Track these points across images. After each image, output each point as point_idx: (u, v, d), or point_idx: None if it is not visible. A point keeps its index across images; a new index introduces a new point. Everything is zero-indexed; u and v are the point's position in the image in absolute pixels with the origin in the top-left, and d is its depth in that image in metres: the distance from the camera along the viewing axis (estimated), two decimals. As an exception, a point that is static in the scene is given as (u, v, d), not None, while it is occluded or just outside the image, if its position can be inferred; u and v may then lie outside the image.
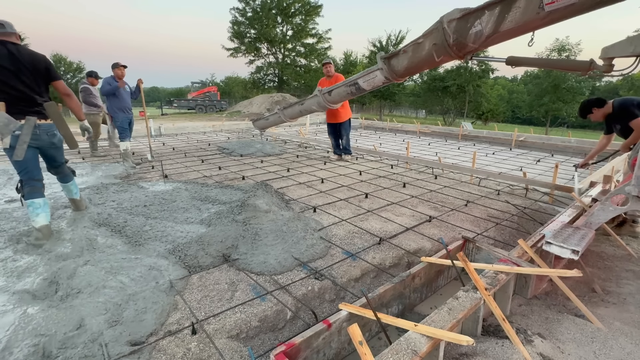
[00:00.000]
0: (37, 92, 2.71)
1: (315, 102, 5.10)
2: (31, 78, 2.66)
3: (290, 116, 5.90)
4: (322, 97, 4.90)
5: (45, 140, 2.81)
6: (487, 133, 10.57)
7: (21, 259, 2.39)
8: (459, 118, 32.38)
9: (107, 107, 5.65)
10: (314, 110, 5.36)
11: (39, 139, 2.74)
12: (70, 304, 1.90)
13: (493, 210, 3.69)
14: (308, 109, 5.40)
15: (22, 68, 2.61)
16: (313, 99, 5.12)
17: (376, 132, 12.77)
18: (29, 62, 2.65)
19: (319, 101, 4.99)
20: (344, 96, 4.69)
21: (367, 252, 2.67)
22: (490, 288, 1.82)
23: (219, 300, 2.03)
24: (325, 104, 4.97)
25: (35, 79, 2.69)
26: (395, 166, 5.89)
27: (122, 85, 5.43)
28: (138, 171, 5.17)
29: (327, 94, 4.84)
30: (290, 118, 5.97)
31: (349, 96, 4.66)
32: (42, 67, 2.72)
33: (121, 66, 5.41)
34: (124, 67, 5.46)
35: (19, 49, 2.63)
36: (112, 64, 5.39)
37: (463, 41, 2.74)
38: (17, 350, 1.56)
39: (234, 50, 33.42)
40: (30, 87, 2.66)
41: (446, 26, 2.77)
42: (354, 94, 4.50)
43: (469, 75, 28.88)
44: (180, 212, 3.24)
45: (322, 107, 5.11)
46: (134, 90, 5.76)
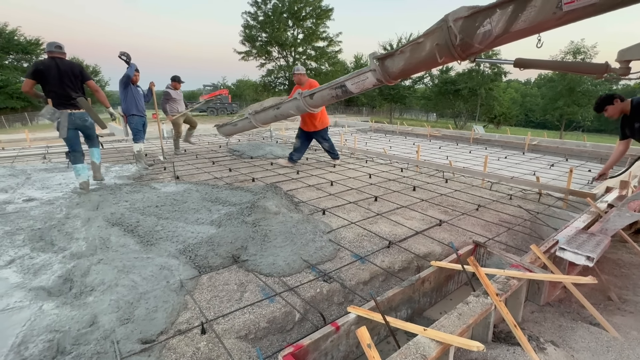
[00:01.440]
0: (74, 90, 3.87)
1: (293, 106, 4.74)
2: (69, 81, 3.84)
3: (263, 121, 5.46)
4: (303, 100, 4.53)
5: (79, 124, 4.02)
6: (499, 137, 10.42)
7: (38, 257, 2.46)
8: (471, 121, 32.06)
9: (122, 108, 5.78)
10: (292, 114, 4.99)
11: (74, 123, 3.94)
12: (84, 302, 1.94)
13: (505, 215, 3.63)
14: (285, 113, 4.99)
15: (63, 75, 3.80)
16: (291, 102, 4.75)
17: (386, 135, 12.73)
18: (68, 69, 3.84)
19: (298, 105, 4.63)
20: (328, 100, 4.34)
21: (376, 255, 2.66)
22: (502, 293, 1.79)
23: (228, 300, 2.05)
24: (305, 108, 4.61)
25: (72, 81, 3.87)
26: (405, 169, 5.86)
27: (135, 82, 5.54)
28: (150, 172, 5.25)
29: (309, 97, 4.47)
30: (262, 124, 5.51)
31: (333, 100, 4.33)
32: (77, 72, 3.92)
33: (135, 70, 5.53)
34: (137, 71, 5.58)
35: (63, 61, 3.84)
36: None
37: (469, 41, 2.63)
38: (33, 346, 1.60)
39: (245, 53, 33.83)
40: (70, 87, 3.84)
41: (452, 25, 2.63)
42: (339, 97, 4.18)
43: (480, 78, 28.62)
44: (191, 213, 3.28)
45: (301, 111, 4.77)
46: (146, 93, 5.87)
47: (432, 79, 33.27)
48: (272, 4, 32.20)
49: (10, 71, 32.01)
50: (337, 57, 35.56)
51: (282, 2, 31.97)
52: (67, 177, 4.84)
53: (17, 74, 32.39)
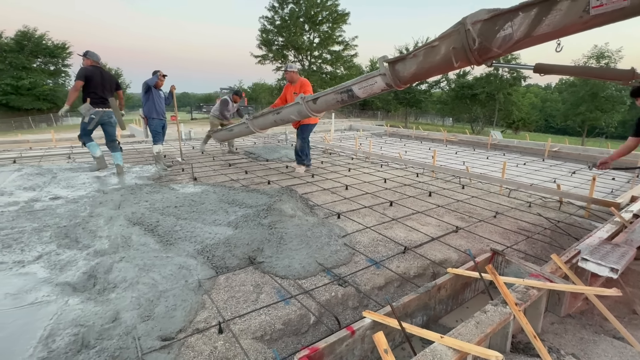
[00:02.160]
0: (109, 95, 5.14)
1: (295, 110, 4.51)
2: (108, 88, 5.10)
3: (262, 127, 5.23)
4: (305, 105, 4.30)
5: (105, 120, 5.15)
6: (518, 142, 10.20)
7: (63, 253, 2.55)
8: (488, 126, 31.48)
9: (143, 111, 5.96)
10: (293, 119, 4.76)
11: (101, 119, 5.09)
12: (107, 298, 2.01)
13: (524, 223, 3.56)
14: (285, 118, 4.78)
15: (105, 82, 5.04)
16: (293, 107, 4.53)
17: (401, 139, 12.64)
18: (108, 78, 5.15)
19: (300, 110, 4.39)
20: (332, 105, 4.16)
21: (392, 260, 2.65)
22: (521, 303, 1.76)
23: (245, 301, 2.08)
24: (307, 113, 4.39)
25: (110, 88, 5.15)
26: (421, 175, 5.81)
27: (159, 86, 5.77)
28: (169, 173, 5.38)
29: (312, 102, 4.25)
30: (260, 129, 5.29)
31: (338, 105, 4.16)
32: (114, 82, 5.28)
33: (162, 75, 5.73)
34: (164, 76, 5.78)
35: (103, 71, 5.12)
36: (153, 71, 5.74)
37: (487, 45, 2.57)
38: (59, 339, 1.66)
39: (261, 57, 34.27)
40: (107, 92, 5.10)
41: (470, 28, 2.55)
42: (344, 102, 4.02)
43: (499, 82, 28.08)
44: (208, 214, 3.34)
45: (303, 116, 4.56)
46: (167, 96, 6.04)
47: (448, 83, 32.88)
48: (289, 8, 32.57)
49: (38, 74, 33.39)
50: (352, 61, 35.61)
51: (299, 7, 32.28)
52: (90, 176, 5.01)
53: (44, 77, 33.77)
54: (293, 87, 5.30)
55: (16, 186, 4.37)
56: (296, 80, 5.31)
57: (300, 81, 5.28)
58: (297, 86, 5.25)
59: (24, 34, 32.73)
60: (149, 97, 5.65)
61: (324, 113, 4.99)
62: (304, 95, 4.40)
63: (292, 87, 5.33)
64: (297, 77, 5.34)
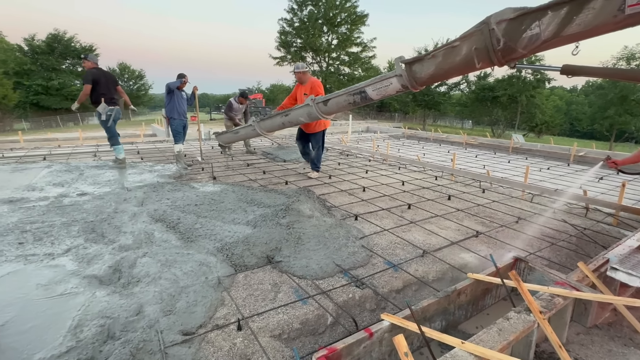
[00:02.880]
0: (114, 93, 5.61)
1: (304, 112, 4.34)
2: (112, 86, 5.58)
3: (269, 129, 5.09)
4: (316, 107, 4.15)
5: (117, 117, 5.64)
6: (542, 146, 9.90)
7: (90, 247, 2.65)
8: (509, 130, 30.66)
9: (165, 111, 6.13)
10: (301, 122, 4.60)
11: (116, 116, 5.60)
12: (131, 291, 2.07)
13: (547, 229, 3.45)
14: (294, 120, 4.62)
15: (109, 82, 5.52)
16: (302, 109, 4.37)
17: (419, 142, 12.48)
18: (111, 79, 5.61)
19: (310, 112, 4.24)
20: (344, 107, 4.01)
21: (410, 263, 2.62)
22: (546, 311, 1.70)
23: (263, 299, 2.11)
24: (317, 115, 4.23)
25: (114, 86, 5.63)
26: (440, 178, 5.72)
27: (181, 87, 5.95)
28: (189, 172, 5.50)
29: (322, 104, 4.09)
30: (267, 131, 5.15)
31: (349, 107, 4.00)
32: (115, 79, 5.74)
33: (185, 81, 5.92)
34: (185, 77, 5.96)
35: (105, 71, 5.63)
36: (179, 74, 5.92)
37: (512, 45, 2.50)
38: (87, 329, 1.73)
39: (280, 59, 34.56)
40: (113, 90, 5.59)
41: (495, 27, 2.46)
42: (357, 104, 3.88)
43: (522, 84, 27.29)
44: (227, 213, 3.40)
45: (313, 118, 4.40)
46: (189, 97, 6.20)
47: (468, 85, 32.25)
48: (307, 10, 32.76)
49: (67, 75, 34.84)
50: (370, 62, 35.46)
51: (318, 9, 32.41)
52: (115, 174, 5.18)
53: (72, 78, 35.17)
54: (303, 87, 5.12)
55: (46, 182, 4.57)
56: (306, 81, 5.12)
57: (311, 81, 5.10)
58: (308, 87, 5.07)
59: (55, 37, 34.25)
60: (171, 99, 5.81)
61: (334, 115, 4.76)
62: (314, 97, 4.28)
63: (302, 87, 5.15)
64: (307, 77, 5.16)
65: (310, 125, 5.04)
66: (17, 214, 3.35)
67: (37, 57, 33.09)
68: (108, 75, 5.59)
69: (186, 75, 5.90)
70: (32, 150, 8.01)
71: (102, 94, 5.35)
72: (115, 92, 5.61)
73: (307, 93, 4.99)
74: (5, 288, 2.08)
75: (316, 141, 5.31)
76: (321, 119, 4.41)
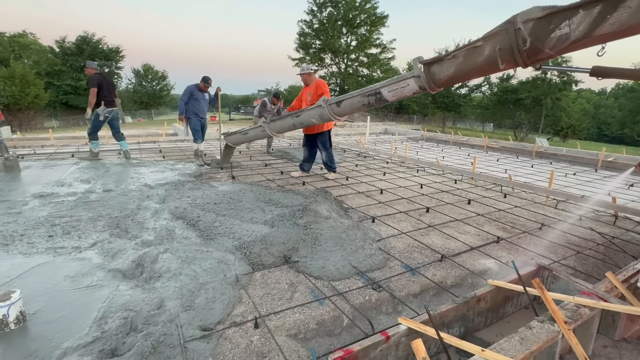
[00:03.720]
0: (114, 96, 6.20)
1: (316, 113, 4.32)
2: (112, 89, 6.19)
3: (279, 130, 5.13)
4: (328, 108, 4.10)
5: (114, 117, 6.24)
6: (567, 151, 9.55)
7: (115, 242, 2.75)
8: (533, 133, 29.73)
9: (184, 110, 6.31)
10: (313, 122, 4.58)
11: (112, 116, 6.19)
12: (153, 286, 2.13)
13: (573, 237, 3.32)
14: (305, 121, 4.63)
15: (109, 86, 6.11)
16: (314, 110, 4.33)
17: (438, 144, 12.28)
18: (111, 83, 6.19)
19: (322, 113, 4.21)
20: (358, 108, 3.97)
21: (428, 268, 2.58)
22: (571, 322, 1.64)
23: (280, 299, 2.12)
24: (330, 117, 4.21)
25: (113, 89, 6.22)
26: (459, 181, 5.61)
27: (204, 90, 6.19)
28: (209, 171, 5.61)
29: (335, 105, 4.05)
30: (277, 132, 5.19)
31: (363, 108, 3.94)
32: (114, 84, 6.28)
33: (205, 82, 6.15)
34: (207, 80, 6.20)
35: (106, 77, 6.16)
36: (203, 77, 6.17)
37: (539, 46, 2.40)
38: (111, 321, 1.79)
39: (299, 60, 34.77)
40: (113, 93, 6.19)
41: (522, 27, 2.38)
42: (371, 106, 3.82)
43: (547, 87, 26.41)
44: (245, 212, 3.44)
45: (325, 119, 4.39)
46: (212, 97, 6.38)
47: (490, 87, 31.48)
48: (327, 12, 32.84)
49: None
50: (389, 64, 35.19)
51: (337, 10, 32.45)
52: (138, 172, 5.34)
53: (99, 78, 36.46)
54: (308, 88, 5.13)
55: (74, 178, 4.76)
56: (311, 82, 5.13)
57: (316, 82, 5.09)
58: (312, 87, 5.06)
59: (84, 39, 35.65)
60: (190, 100, 6.05)
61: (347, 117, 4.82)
62: (327, 98, 4.24)
63: (307, 88, 5.17)
64: (312, 78, 5.15)
65: (316, 125, 4.97)
66: (47, 208, 3.51)
67: (67, 59, 34.55)
68: (108, 80, 6.16)
69: (210, 78, 6.12)
70: (62, 147, 8.37)
71: (103, 97, 5.91)
72: (114, 95, 6.19)
73: (312, 93, 5.01)
74: (37, 278, 2.19)
75: (324, 141, 5.29)
76: (333, 120, 4.38)
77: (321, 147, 5.35)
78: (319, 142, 5.32)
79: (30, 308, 1.88)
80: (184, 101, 6.07)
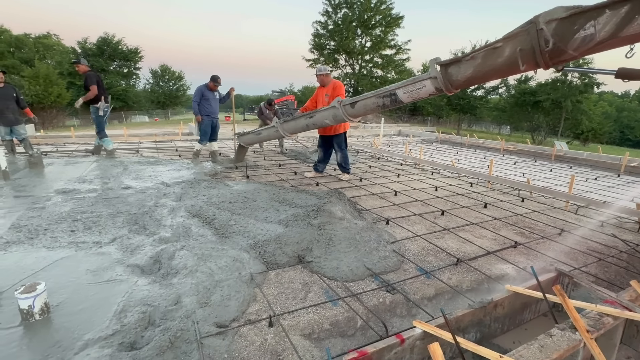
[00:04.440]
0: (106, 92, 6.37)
1: (330, 114, 4.32)
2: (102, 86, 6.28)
3: (292, 131, 5.13)
4: (342, 109, 4.10)
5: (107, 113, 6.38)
6: (588, 155, 9.27)
7: (133, 238, 2.81)
8: (551, 136, 28.98)
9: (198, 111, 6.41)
10: (326, 124, 4.57)
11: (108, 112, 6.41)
12: (170, 282, 2.17)
13: (594, 244, 3.23)
14: (319, 122, 4.61)
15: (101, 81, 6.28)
16: (328, 111, 4.33)
17: (453, 147, 12.11)
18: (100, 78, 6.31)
19: (336, 114, 4.21)
20: (372, 109, 3.96)
21: (443, 271, 2.55)
22: (593, 331, 1.60)
23: (294, 298, 2.13)
24: (343, 117, 4.21)
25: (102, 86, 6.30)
26: (475, 184, 5.51)
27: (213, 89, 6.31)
28: (223, 170, 5.68)
29: (349, 106, 4.04)
30: (290, 133, 5.19)
31: (378, 109, 3.93)
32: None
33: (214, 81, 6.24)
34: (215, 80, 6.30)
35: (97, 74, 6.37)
36: (212, 76, 6.24)
37: (562, 47, 2.34)
38: (130, 315, 1.83)
39: (313, 61, 34.87)
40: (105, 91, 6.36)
41: (544, 27, 2.33)
42: (386, 107, 3.76)
43: (567, 89, 25.67)
44: (260, 211, 3.47)
45: (339, 120, 4.38)
46: (224, 96, 6.48)
47: (507, 89, 30.84)
48: (342, 13, 32.84)
49: (114, 76, 37.13)
50: (404, 65, 34.92)
51: (352, 11, 32.40)
52: (156, 170, 5.46)
53: (118, 78, 37.44)
54: (325, 89, 5.09)
55: (95, 175, 4.90)
56: (328, 83, 5.09)
57: (333, 83, 5.05)
58: (330, 88, 5.02)
59: (104, 40, 36.66)
60: (201, 100, 6.19)
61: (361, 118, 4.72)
62: (341, 99, 4.23)
63: (324, 89, 5.12)
64: (329, 79, 5.12)
65: (333, 126, 5.01)
66: (69, 203, 3.62)
67: (88, 59, 35.59)
68: (100, 77, 6.47)
69: (219, 77, 6.21)
70: (83, 145, 8.61)
71: (101, 93, 6.12)
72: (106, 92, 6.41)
73: (329, 94, 4.99)
74: (60, 271, 2.26)
75: (340, 142, 5.30)
76: (347, 121, 4.38)
77: (337, 148, 5.36)
78: (335, 143, 5.32)
79: (54, 300, 1.94)
80: (197, 102, 6.21)
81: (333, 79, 5.14)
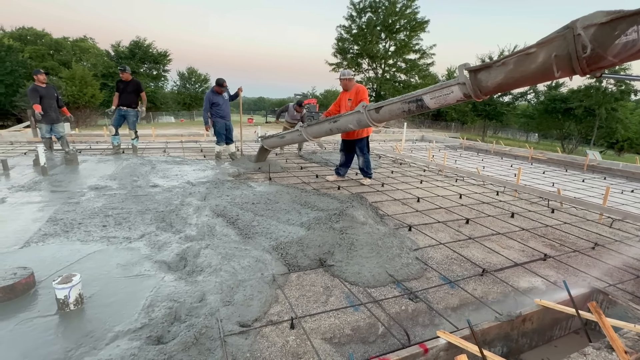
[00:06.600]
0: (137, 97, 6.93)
1: (354, 119, 4.32)
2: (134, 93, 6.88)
3: (315, 135, 5.17)
4: (367, 114, 4.08)
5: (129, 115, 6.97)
6: (624, 166, 8.80)
7: (161, 235, 2.91)
8: (583, 145, 27.71)
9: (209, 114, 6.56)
10: (350, 128, 4.57)
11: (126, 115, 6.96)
12: (195, 279, 2.23)
13: (632, 260, 3.05)
14: (342, 127, 4.61)
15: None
16: (352, 115, 4.33)
17: (478, 154, 11.80)
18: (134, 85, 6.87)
19: (360, 119, 4.21)
20: (397, 115, 3.92)
21: (467, 281, 2.48)
22: (632, 352, 1.51)
23: (315, 301, 2.14)
24: (368, 123, 4.20)
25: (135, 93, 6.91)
26: (502, 193, 5.35)
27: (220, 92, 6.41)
28: (246, 171, 5.78)
29: (374, 111, 4.01)
30: (313, 137, 5.24)
31: (403, 115, 3.89)
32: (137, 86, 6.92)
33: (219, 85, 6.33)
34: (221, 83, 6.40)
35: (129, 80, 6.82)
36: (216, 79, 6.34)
37: (601, 53, 2.24)
38: (157, 309, 1.89)
39: (336, 65, 34.99)
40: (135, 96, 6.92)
41: (582, 33, 2.25)
42: (411, 113, 3.73)
43: (601, 96, 24.48)
44: (282, 213, 3.51)
45: (363, 125, 4.39)
46: (232, 95, 6.66)
47: (536, 96, 29.77)
48: (366, 17, 32.82)
49: (143, 78, 38.55)
50: (428, 69, 34.45)
51: (377, 15, 32.33)
52: (182, 169, 5.62)
53: (147, 80, 38.88)
54: (348, 93, 5.08)
55: (125, 173, 5.10)
56: (351, 87, 5.07)
57: (356, 87, 5.03)
58: (352, 92, 5.00)
59: (136, 43, 38.26)
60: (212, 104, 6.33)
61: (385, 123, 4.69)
62: (366, 104, 4.21)
63: (347, 93, 5.10)
64: (353, 83, 5.10)
65: (356, 131, 4.98)
66: (101, 200, 3.78)
67: (120, 62, 37.21)
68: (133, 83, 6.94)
69: (224, 80, 6.33)
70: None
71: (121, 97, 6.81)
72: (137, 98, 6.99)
73: (352, 99, 4.96)
74: (93, 264, 2.36)
75: (362, 147, 5.28)
76: (370, 126, 4.35)
77: (359, 153, 5.33)
78: (357, 147, 5.31)
79: (87, 291, 2.03)
80: (207, 110, 6.36)
81: (356, 83, 5.12)
